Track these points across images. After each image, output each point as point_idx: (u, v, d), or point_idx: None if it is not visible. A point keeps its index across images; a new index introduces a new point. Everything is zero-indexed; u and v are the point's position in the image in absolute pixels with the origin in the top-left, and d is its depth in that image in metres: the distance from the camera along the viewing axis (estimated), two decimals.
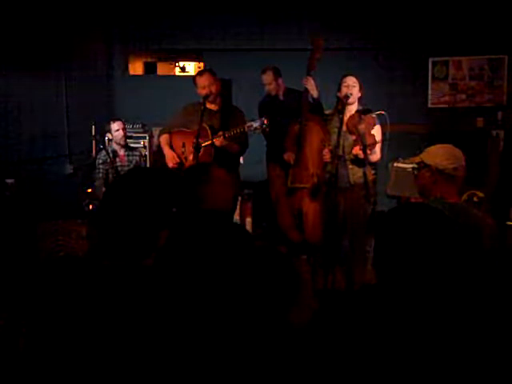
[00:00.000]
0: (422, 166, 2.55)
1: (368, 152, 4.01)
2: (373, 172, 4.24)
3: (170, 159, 4.52)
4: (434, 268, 1.36)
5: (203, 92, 4.40)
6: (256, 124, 4.25)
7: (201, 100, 4.45)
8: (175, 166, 4.48)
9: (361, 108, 4.18)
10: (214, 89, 4.40)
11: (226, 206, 2.12)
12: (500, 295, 1.58)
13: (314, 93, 4.55)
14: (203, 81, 4.41)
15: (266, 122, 4.23)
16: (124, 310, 1.34)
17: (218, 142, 4.29)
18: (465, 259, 1.39)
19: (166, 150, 4.58)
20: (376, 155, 4.16)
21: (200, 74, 4.51)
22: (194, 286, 1.34)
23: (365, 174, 4.13)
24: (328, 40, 4.66)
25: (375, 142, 4.04)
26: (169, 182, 1.53)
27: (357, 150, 4.01)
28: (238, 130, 4.28)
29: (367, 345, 1.32)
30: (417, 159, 2.58)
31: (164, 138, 4.64)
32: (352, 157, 4.06)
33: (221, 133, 4.29)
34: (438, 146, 2.58)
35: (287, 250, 5.20)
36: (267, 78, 5.13)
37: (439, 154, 2.50)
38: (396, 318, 1.34)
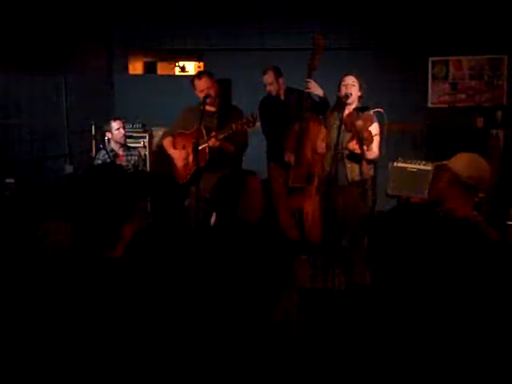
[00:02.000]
0: (444, 169, 2.51)
1: (364, 148, 4.02)
2: (371, 170, 4.24)
3: (179, 159, 4.56)
4: (428, 268, 1.36)
5: (202, 95, 4.41)
6: (244, 120, 4.25)
7: (200, 102, 4.46)
8: (185, 165, 4.51)
9: (359, 105, 4.19)
10: (212, 91, 4.41)
11: (258, 215, 2.14)
12: (500, 294, 1.59)
13: (320, 92, 4.57)
14: (202, 84, 4.42)
15: (254, 118, 4.21)
16: (92, 303, 1.37)
17: (211, 142, 4.31)
18: (460, 261, 1.39)
19: (172, 152, 4.63)
20: (373, 152, 4.16)
21: (198, 77, 4.51)
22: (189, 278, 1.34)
23: (361, 172, 4.14)
24: (328, 40, 4.66)
25: (372, 140, 4.05)
26: (133, 177, 1.58)
27: (353, 145, 4.03)
28: (230, 131, 4.28)
29: (362, 343, 1.32)
30: (444, 162, 2.55)
31: (167, 141, 4.69)
32: (348, 152, 4.07)
33: (214, 134, 4.30)
34: (466, 153, 2.54)
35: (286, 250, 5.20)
36: (268, 78, 5.13)
37: (461, 161, 2.47)
38: (389, 317, 1.34)
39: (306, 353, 1.28)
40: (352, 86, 4.14)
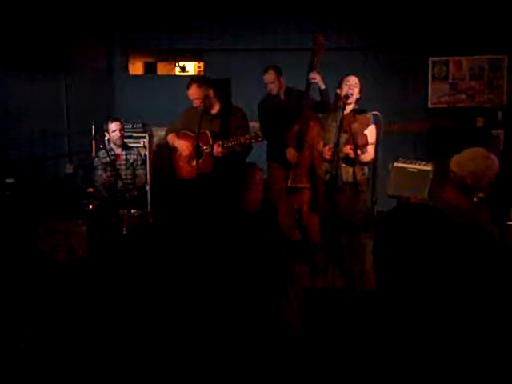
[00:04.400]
0: None
1: (359, 152, 4.02)
2: (363, 172, 4.24)
3: (185, 148, 4.56)
4: (434, 269, 1.35)
5: (195, 104, 4.41)
6: (253, 134, 4.28)
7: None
8: (188, 162, 4.50)
9: (356, 107, 4.19)
10: (201, 101, 4.37)
11: (258, 207, 2.15)
12: (501, 297, 1.59)
13: (322, 85, 4.61)
14: (191, 94, 4.42)
15: (260, 134, 4.25)
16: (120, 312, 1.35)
17: (215, 151, 4.32)
18: (465, 260, 1.39)
19: (178, 143, 4.62)
20: (369, 155, 4.16)
21: (187, 86, 4.47)
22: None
23: (354, 173, 4.15)
24: (328, 40, 4.66)
25: (366, 143, 4.05)
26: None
27: (347, 150, 4.03)
28: (237, 142, 4.29)
29: (368, 349, 1.32)
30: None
31: (172, 136, 4.70)
32: (343, 155, 4.08)
33: (220, 142, 4.31)
34: (469, 149, 2.53)
35: (287, 250, 5.21)
36: (269, 77, 5.13)
37: (457, 155, 2.47)
38: (397, 323, 1.33)
39: (308, 352, 1.28)
40: (354, 87, 4.14)
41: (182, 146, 4.59)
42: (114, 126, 5.13)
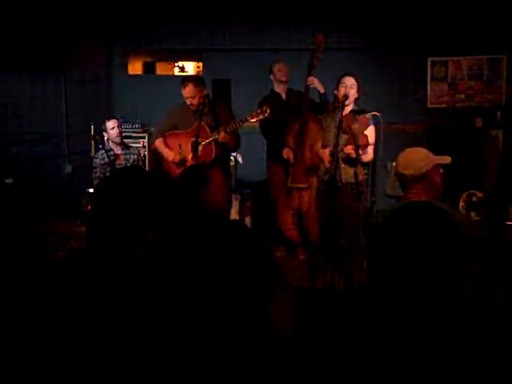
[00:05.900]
0: None
1: (360, 152, 4.02)
2: (364, 172, 4.24)
3: (173, 157, 4.53)
4: (435, 268, 1.35)
5: (188, 102, 4.41)
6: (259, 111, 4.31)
7: (185, 101, 4.46)
8: (178, 162, 4.49)
9: (355, 108, 4.18)
10: (195, 100, 4.38)
11: (223, 207, 2.14)
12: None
13: (321, 89, 4.60)
14: (186, 93, 4.41)
15: (268, 110, 4.26)
16: (117, 305, 1.36)
17: (220, 137, 4.30)
18: (463, 258, 1.39)
19: (165, 151, 4.58)
20: (369, 155, 4.15)
21: (184, 85, 4.45)
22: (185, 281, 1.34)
23: (356, 174, 4.14)
24: (328, 40, 4.67)
25: (367, 143, 4.05)
26: (156, 182, 1.56)
27: (349, 150, 4.02)
28: (240, 123, 4.31)
29: (359, 346, 1.32)
30: None
31: (159, 141, 4.64)
32: (344, 156, 4.07)
33: (222, 128, 4.30)
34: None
35: (286, 249, 5.21)
36: (285, 73, 5.11)
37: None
38: (390, 319, 1.34)
39: (303, 354, 1.28)
40: (351, 89, 4.12)
41: (169, 155, 4.54)
42: (111, 124, 5.12)
